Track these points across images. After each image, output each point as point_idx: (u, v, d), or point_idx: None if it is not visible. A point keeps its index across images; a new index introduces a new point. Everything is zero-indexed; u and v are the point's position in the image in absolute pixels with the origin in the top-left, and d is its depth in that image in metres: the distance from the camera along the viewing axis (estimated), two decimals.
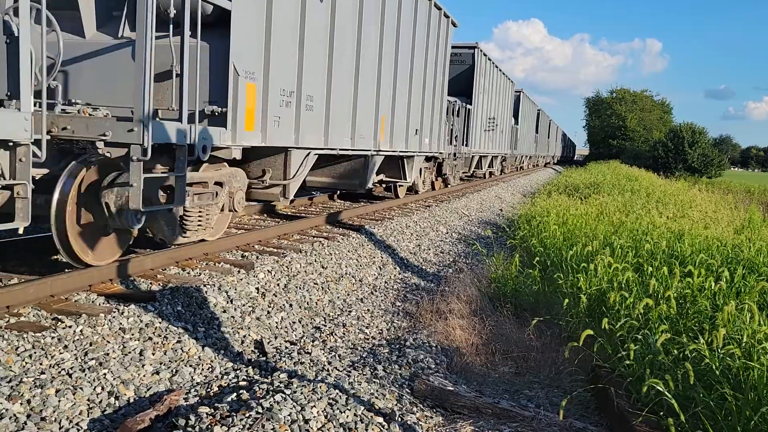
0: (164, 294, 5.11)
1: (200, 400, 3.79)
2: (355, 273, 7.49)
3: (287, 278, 6.41)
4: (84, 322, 4.32)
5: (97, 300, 4.90)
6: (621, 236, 8.16)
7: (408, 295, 7.16)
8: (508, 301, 6.63)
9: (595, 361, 4.55)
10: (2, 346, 3.83)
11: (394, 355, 4.91)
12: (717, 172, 50.91)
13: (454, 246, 10.56)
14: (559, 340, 5.50)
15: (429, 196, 15.69)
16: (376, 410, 3.72)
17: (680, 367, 3.73)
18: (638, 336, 4.42)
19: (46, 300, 4.68)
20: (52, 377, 3.67)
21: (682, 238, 8.04)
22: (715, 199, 18.09)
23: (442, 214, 12.91)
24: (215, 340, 4.76)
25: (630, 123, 67.39)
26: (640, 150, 59.44)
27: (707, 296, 5.19)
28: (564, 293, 5.95)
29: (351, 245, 8.31)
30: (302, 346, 5.04)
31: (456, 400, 4.05)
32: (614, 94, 72.23)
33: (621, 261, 6.32)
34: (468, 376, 4.88)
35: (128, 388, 3.84)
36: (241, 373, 4.36)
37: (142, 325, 4.54)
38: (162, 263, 5.98)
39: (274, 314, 5.57)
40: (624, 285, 5.56)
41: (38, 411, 3.35)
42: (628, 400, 3.93)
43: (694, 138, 49.97)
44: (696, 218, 10.97)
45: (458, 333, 5.63)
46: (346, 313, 6.18)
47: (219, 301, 5.33)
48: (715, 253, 7.16)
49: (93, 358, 3.98)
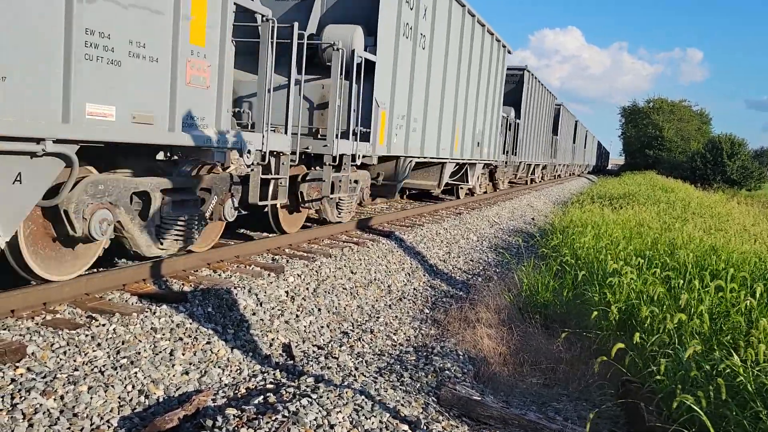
0: (195, 295, 5.19)
1: (228, 402, 3.84)
2: (384, 279, 7.50)
3: (316, 282, 6.45)
4: (117, 321, 4.40)
5: (130, 299, 4.99)
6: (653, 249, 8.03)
7: (436, 302, 7.15)
8: (537, 312, 6.56)
9: (625, 375, 4.48)
10: (38, 342, 3.93)
11: (421, 363, 4.90)
12: (757, 184, 49.70)
13: (484, 254, 10.50)
14: (589, 352, 5.43)
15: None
16: (402, 418, 3.72)
17: (713, 384, 3.65)
18: (669, 351, 4.34)
19: (81, 298, 4.79)
20: (85, 374, 3.75)
21: (717, 252, 7.87)
22: (753, 212, 17.67)
23: (473, 222, 12.85)
24: (244, 342, 4.81)
25: (667, 133, 66.17)
26: (677, 161, 58.36)
27: (741, 311, 5.07)
28: (593, 306, 5.87)
29: (381, 251, 8.32)
30: (329, 351, 5.06)
31: (482, 410, 4.02)
32: (651, 104, 71.02)
33: (651, 274, 6.22)
34: (495, 387, 4.85)
35: (158, 388, 3.90)
36: (269, 376, 4.40)
37: (173, 325, 4.61)
38: (194, 264, 6.07)
39: (303, 318, 5.61)
40: (655, 299, 5.47)
41: (71, 407, 3.43)
42: (659, 416, 3.86)
43: (734, 149, 48.86)
44: (733, 232, 10.72)
45: (486, 342, 5.59)
46: (374, 319, 6.19)
47: (249, 303, 5.39)
48: (752, 268, 6.99)
49: (125, 356, 4.05)
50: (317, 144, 8.00)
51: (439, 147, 12.44)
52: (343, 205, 9.15)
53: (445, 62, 12.20)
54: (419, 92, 10.98)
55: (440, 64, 11.98)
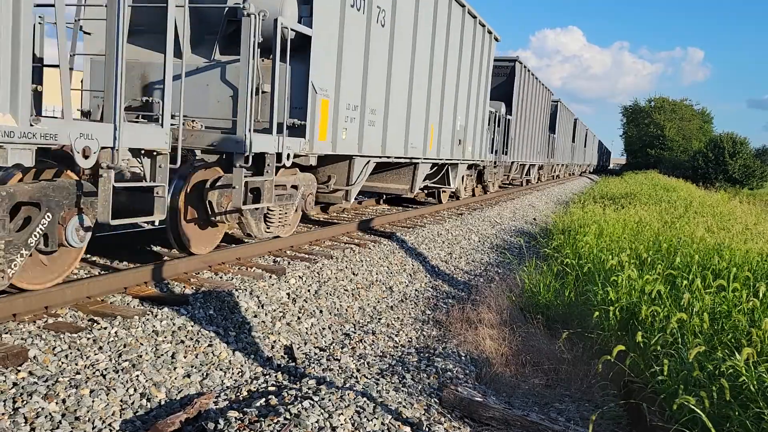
0: (197, 297, 5.19)
1: (229, 404, 3.84)
2: (385, 280, 7.49)
3: (318, 284, 6.45)
4: (119, 324, 4.41)
5: (131, 302, 5.00)
6: (654, 248, 8.02)
7: (438, 303, 7.14)
8: (539, 312, 6.56)
9: (627, 375, 4.47)
10: (40, 346, 3.93)
11: (423, 364, 4.89)
12: (759, 183, 49.63)
13: (485, 255, 10.50)
14: (591, 353, 5.42)
15: (470, 201, 16.39)
16: (404, 419, 3.72)
17: (715, 384, 3.64)
18: (671, 351, 4.34)
19: (83, 301, 4.79)
20: (86, 377, 3.75)
21: (720, 251, 7.85)
22: (755, 211, 17.63)
23: (474, 222, 12.85)
24: (246, 345, 4.81)
25: (668, 132, 66.13)
26: (678, 160, 58.33)
27: (744, 311, 5.06)
28: (595, 305, 5.87)
29: (382, 252, 8.32)
30: (331, 353, 5.06)
31: (485, 411, 4.02)
32: (652, 103, 70.98)
33: (652, 273, 6.21)
34: (497, 387, 4.84)
35: (160, 390, 3.90)
36: (270, 378, 4.40)
37: (174, 328, 4.61)
38: (195, 267, 6.07)
39: (305, 320, 5.60)
40: (656, 298, 5.46)
41: (73, 411, 3.43)
42: (661, 416, 3.85)
43: (735, 148, 48.83)
44: (735, 231, 10.70)
45: (488, 343, 5.59)
46: (376, 321, 6.19)
47: (250, 305, 5.39)
48: (754, 268, 6.98)
49: (126, 359, 4.06)
50: (230, 141, 6.29)
51: (408, 145, 10.53)
52: (272, 218, 7.35)
53: (413, 45, 10.20)
54: (378, 78, 9.03)
55: (407, 47, 9.99)
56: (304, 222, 10.19)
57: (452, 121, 12.80)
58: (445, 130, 12.37)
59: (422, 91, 10.98)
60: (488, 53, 15.05)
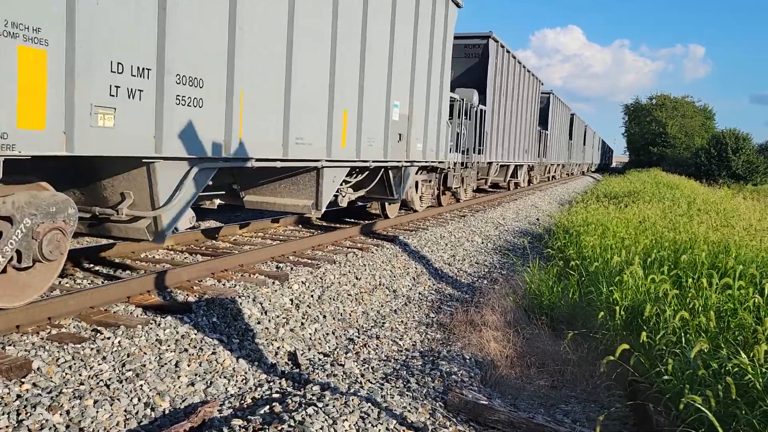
0: (200, 305, 5.19)
1: (234, 413, 3.83)
2: (389, 284, 7.48)
3: (321, 289, 6.44)
4: (122, 334, 4.40)
5: (135, 311, 5.00)
6: (659, 248, 7.98)
7: (442, 306, 7.12)
8: (543, 313, 6.54)
9: (632, 375, 4.45)
10: (44, 357, 3.93)
11: (428, 368, 4.88)
12: (762, 178, 49.48)
13: (489, 256, 10.47)
14: (596, 353, 5.40)
15: (472, 203, 15.40)
16: (409, 424, 3.70)
17: (721, 383, 3.62)
18: (676, 350, 4.31)
19: (86, 311, 4.79)
20: (90, 388, 3.74)
21: (726, 249, 7.81)
22: (760, 208, 17.56)
23: (477, 224, 12.83)
24: (249, 352, 4.80)
25: (671, 130, 66.03)
26: (681, 157, 58.20)
27: (749, 309, 5.03)
28: (600, 305, 5.84)
29: (385, 256, 8.31)
30: (335, 358, 5.05)
31: (490, 414, 4.00)
32: (654, 101, 70.88)
33: (658, 272, 6.18)
34: (502, 390, 4.82)
35: (164, 400, 3.90)
36: (275, 385, 4.39)
37: (178, 336, 4.61)
38: (198, 275, 6.07)
39: (308, 326, 5.60)
40: (661, 297, 5.44)
41: (77, 422, 3.42)
42: (667, 416, 3.83)
43: (738, 144, 48.70)
44: (740, 228, 10.65)
45: (493, 345, 5.57)
46: (380, 325, 6.17)
47: (253, 312, 5.38)
48: (760, 265, 6.94)
49: (130, 369, 4.05)
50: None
51: (290, 138, 6.73)
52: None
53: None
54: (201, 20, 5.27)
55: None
56: (307, 227, 10.19)
57: (385, 107, 9.23)
58: (371, 120, 8.75)
59: (323, 59, 7.35)
60: (443, 19, 11.18)
